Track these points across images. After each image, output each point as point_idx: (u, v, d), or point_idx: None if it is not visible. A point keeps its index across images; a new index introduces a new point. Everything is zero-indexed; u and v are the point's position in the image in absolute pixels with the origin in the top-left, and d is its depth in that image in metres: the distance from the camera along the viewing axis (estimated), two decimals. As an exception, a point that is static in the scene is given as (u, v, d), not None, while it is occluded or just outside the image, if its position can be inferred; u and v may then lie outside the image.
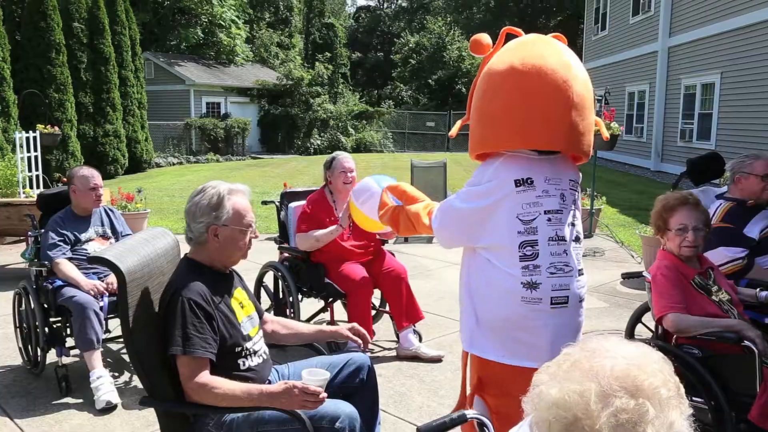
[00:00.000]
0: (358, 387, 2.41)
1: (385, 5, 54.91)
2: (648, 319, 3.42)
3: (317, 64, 29.52)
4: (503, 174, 2.26)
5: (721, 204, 3.51)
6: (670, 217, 2.90)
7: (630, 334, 3.60)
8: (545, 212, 2.26)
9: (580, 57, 21.68)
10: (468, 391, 2.41)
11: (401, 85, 39.13)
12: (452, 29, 39.26)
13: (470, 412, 1.52)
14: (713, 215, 3.38)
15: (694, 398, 2.64)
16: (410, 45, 39.09)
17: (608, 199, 9.82)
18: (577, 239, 2.37)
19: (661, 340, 2.87)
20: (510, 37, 2.45)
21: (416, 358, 4.11)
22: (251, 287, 4.61)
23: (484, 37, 2.42)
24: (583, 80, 2.28)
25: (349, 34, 47.19)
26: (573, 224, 2.36)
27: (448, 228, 2.37)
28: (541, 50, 2.29)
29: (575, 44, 34.85)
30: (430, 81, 37.04)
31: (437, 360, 4.09)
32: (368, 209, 2.80)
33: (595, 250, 7.30)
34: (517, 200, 2.23)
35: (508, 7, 37.84)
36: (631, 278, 3.53)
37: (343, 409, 2.13)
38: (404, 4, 51.39)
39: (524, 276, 2.22)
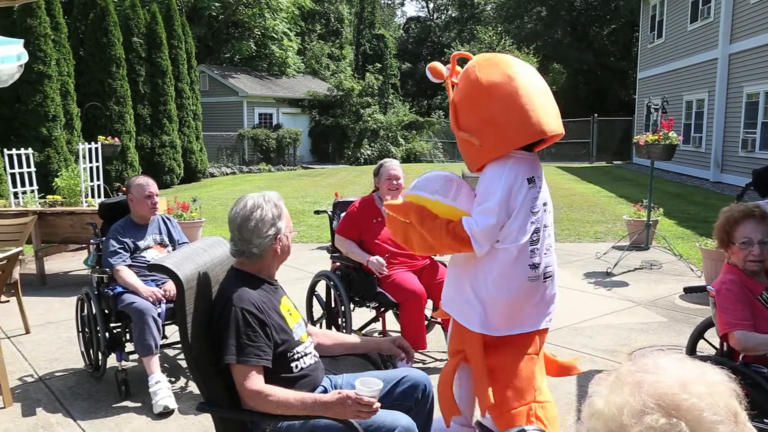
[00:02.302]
0: (411, 406, 2.38)
1: (435, 16, 54.99)
2: (711, 335, 3.31)
3: (367, 74, 29.73)
4: (520, 176, 2.64)
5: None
6: (735, 230, 2.80)
7: (691, 350, 3.48)
8: (543, 204, 2.73)
9: (635, 65, 21.24)
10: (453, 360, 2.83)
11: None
12: (503, 39, 39.01)
13: (530, 428, 1.49)
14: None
15: (765, 420, 2.53)
16: (460, 55, 38.94)
17: (665, 211, 9.56)
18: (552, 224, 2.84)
19: (727, 358, 2.76)
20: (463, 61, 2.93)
21: (468, 370, 4.06)
22: (303, 296, 4.68)
23: (440, 65, 2.92)
24: None
25: (399, 44, 47.40)
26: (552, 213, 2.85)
27: (493, 238, 2.62)
28: (506, 58, 2.76)
29: (630, 52, 34.18)
30: (480, 91, 36.78)
31: (490, 372, 4.03)
32: (465, 201, 2.77)
33: (652, 262, 7.10)
34: (531, 196, 2.65)
35: (560, 15, 37.33)
36: (693, 292, 3.41)
37: (400, 420, 2.11)
38: (454, 15, 51.34)
39: (531, 258, 2.66)
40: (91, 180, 7.21)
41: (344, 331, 4.15)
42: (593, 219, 10.62)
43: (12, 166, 6.95)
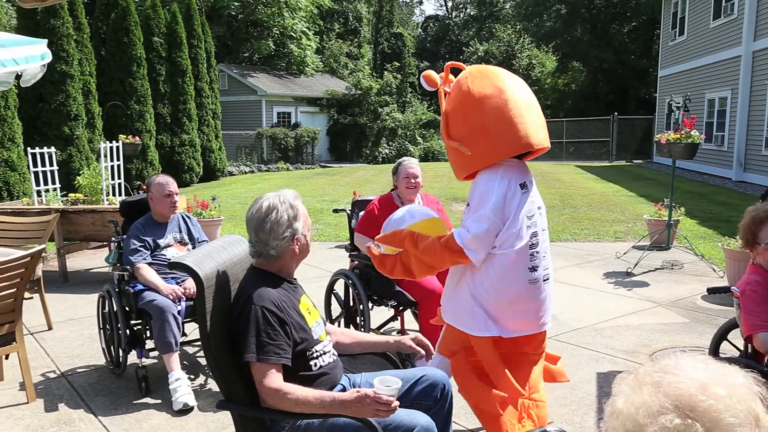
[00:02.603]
0: (430, 405, 2.37)
1: (454, 14, 54.82)
2: (734, 336, 3.26)
3: (386, 73, 29.72)
4: (513, 182, 2.73)
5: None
6: (760, 230, 2.75)
7: (714, 352, 3.43)
8: (538, 207, 2.82)
9: (656, 63, 20.98)
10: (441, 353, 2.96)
11: (470, 94, 38.81)
12: (522, 37, 38.78)
13: (551, 428, 1.48)
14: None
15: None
16: (479, 53, 38.81)
17: (687, 210, 9.45)
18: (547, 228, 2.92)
19: (752, 360, 2.72)
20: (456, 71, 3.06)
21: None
22: (321, 295, 4.69)
23: (434, 74, 3.04)
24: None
25: (418, 43, 47.33)
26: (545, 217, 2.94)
27: (487, 244, 2.71)
28: (497, 71, 2.86)
29: (650, 50, 33.81)
30: (499, 89, 36.62)
31: (508, 372, 4.01)
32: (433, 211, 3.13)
33: (673, 262, 7.02)
34: (524, 201, 2.74)
35: (580, 13, 37.00)
36: (716, 293, 3.37)
37: (419, 420, 2.10)
38: (473, 13, 51.14)
39: (531, 262, 2.74)
40: (112, 178, 7.28)
41: (363, 329, 4.15)
42: (613, 218, 10.53)
43: (35, 165, 7.04)
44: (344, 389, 2.35)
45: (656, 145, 7.12)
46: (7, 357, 4.23)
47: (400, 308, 4.27)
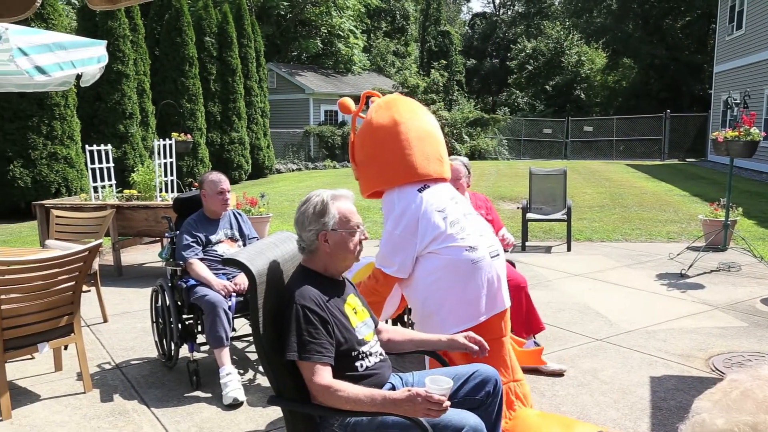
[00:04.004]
0: (482, 400, 2.35)
1: (502, 11, 54.27)
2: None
3: (432, 71, 29.60)
4: (406, 192, 3.01)
5: None
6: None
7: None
8: (450, 198, 3.04)
9: (711, 59, 20.41)
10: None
11: (517, 92, 38.45)
12: (571, 34, 38.13)
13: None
14: None
15: None
16: (527, 51, 38.35)
17: (744, 211, 9.13)
18: (476, 213, 3.18)
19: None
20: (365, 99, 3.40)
21: (536, 371, 3.98)
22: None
23: (349, 101, 3.30)
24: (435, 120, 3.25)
25: (465, 41, 47.04)
26: (467, 203, 3.19)
27: (399, 257, 2.97)
28: (402, 103, 3.14)
29: (705, 45, 32.81)
30: (547, 87, 36.15)
31: (559, 374, 3.95)
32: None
33: (730, 264, 6.79)
34: (428, 199, 2.97)
35: (631, 8, 36.12)
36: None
37: (468, 419, 2.08)
38: (521, 10, 50.53)
39: (463, 242, 2.91)
40: (165, 175, 7.45)
41: (411, 327, 4.14)
42: (665, 218, 10.25)
43: (92, 162, 7.26)
44: (393, 388, 2.34)
45: (713, 143, 6.90)
46: (66, 348, 4.38)
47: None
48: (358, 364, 2.25)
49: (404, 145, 2.97)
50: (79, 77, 5.22)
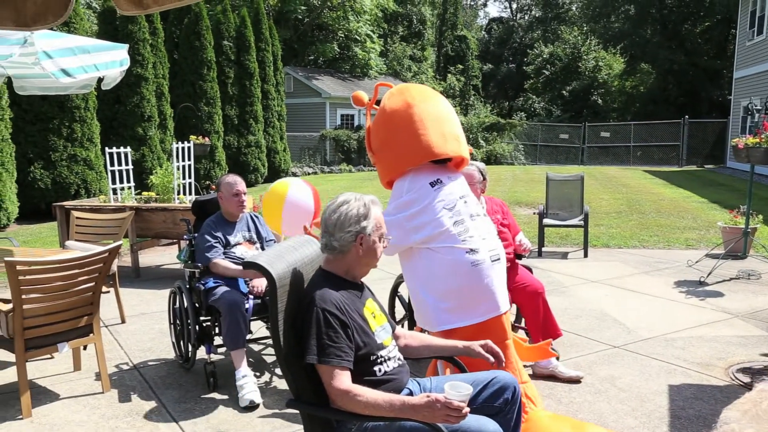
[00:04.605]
0: (500, 407, 2.34)
1: (519, 16, 54.15)
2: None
3: (449, 76, 29.67)
4: (418, 183, 3.03)
5: None
6: None
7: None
8: (460, 197, 3.07)
9: (730, 64, 20.17)
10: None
11: (534, 97, 38.34)
12: (588, 39, 37.94)
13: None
14: None
15: None
16: (544, 56, 38.21)
17: (765, 218, 9.03)
18: (484, 214, 3.19)
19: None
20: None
21: (553, 377, 3.96)
22: (385, 297, 4.69)
23: (362, 93, 3.39)
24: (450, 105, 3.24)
25: (481, 45, 46.97)
26: (477, 204, 3.19)
27: (394, 236, 2.94)
28: (414, 88, 3.19)
29: (725, 51, 32.49)
30: (564, 92, 36.00)
31: (576, 381, 3.92)
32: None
33: (750, 272, 6.71)
34: (438, 195, 3.01)
35: (650, 14, 35.87)
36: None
37: (487, 426, 2.07)
38: (538, 15, 50.39)
39: (465, 245, 2.95)
40: (183, 178, 7.51)
41: (427, 333, 4.13)
42: (684, 225, 10.16)
43: (111, 164, 7.33)
44: (411, 393, 2.34)
45: (733, 150, 6.84)
46: (85, 348, 4.42)
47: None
48: (376, 368, 2.25)
49: (418, 126, 3.00)
50: (100, 80, 5.28)
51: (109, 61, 4.96)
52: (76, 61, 4.49)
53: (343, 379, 2.10)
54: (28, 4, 1.75)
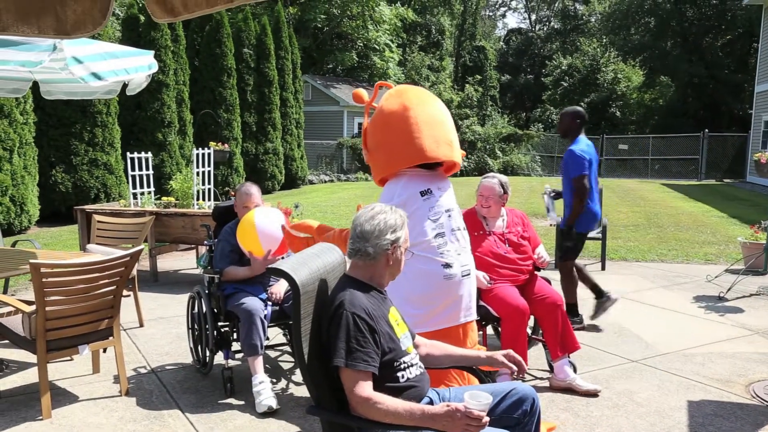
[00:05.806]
0: (519, 419, 2.33)
1: (537, 27, 54.13)
2: None
3: (467, 86, 29.67)
4: (410, 189, 3.13)
5: None
6: None
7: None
8: (446, 211, 3.17)
9: (753, 77, 20.02)
10: None
11: (551, 108, 38.23)
12: (607, 51, 37.82)
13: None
14: None
15: None
16: (562, 67, 38.15)
17: (786, 234, 8.91)
18: (464, 228, 3.29)
19: None
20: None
21: (570, 390, 3.94)
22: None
23: (363, 92, 3.48)
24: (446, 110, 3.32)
25: (500, 56, 46.99)
26: (460, 217, 3.29)
27: None
28: (412, 91, 3.26)
29: (746, 64, 32.22)
30: (582, 104, 35.86)
31: (593, 394, 3.90)
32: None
33: (771, 289, 6.63)
34: (426, 206, 3.12)
35: (670, 26, 35.74)
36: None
37: (506, 438, 2.07)
38: (557, 26, 50.34)
39: (442, 258, 3.08)
40: (202, 184, 7.57)
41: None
42: (703, 240, 10.07)
43: (132, 169, 7.41)
44: (431, 402, 2.34)
45: (756, 164, 6.78)
46: (104, 351, 4.46)
47: (483, 323, 4.22)
48: (399, 374, 2.26)
49: (413, 129, 3.09)
50: (125, 85, 5.35)
51: (138, 66, 5.03)
52: (106, 65, 4.56)
53: (365, 387, 2.11)
54: (68, 13, 1.79)
